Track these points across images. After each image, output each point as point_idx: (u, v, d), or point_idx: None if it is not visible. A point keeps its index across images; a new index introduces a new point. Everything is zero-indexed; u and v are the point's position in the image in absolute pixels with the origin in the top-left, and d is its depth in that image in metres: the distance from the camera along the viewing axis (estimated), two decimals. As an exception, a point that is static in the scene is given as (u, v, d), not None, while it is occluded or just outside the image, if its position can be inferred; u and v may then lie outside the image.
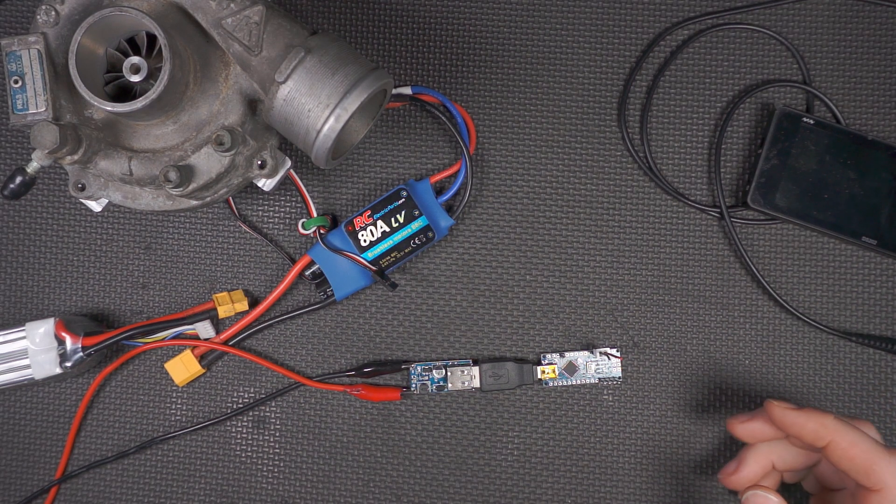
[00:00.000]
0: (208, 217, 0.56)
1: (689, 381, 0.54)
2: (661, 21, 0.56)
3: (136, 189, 0.46)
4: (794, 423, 0.44)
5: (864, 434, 0.42)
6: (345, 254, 0.52)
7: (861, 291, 0.54)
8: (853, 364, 0.54)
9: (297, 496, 0.54)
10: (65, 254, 0.56)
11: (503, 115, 0.56)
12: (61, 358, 0.51)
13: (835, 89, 0.55)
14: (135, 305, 0.56)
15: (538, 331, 0.55)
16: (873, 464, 0.41)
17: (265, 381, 0.55)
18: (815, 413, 0.43)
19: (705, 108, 0.56)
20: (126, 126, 0.45)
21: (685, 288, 0.55)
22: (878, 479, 0.41)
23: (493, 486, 0.54)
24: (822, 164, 0.53)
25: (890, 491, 0.41)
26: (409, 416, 0.54)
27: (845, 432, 0.42)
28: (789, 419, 0.44)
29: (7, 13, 0.57)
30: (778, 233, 0.55)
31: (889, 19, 0.55)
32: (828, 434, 0.42)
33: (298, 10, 0.57)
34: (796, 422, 0.43)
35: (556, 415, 0.54)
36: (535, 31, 0.56)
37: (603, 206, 0.55)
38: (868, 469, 0.41)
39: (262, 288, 0.56)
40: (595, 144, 0.56)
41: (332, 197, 0.56)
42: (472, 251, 0.55)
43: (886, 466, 0.41)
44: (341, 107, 0.42)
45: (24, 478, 0.55)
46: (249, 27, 0.43)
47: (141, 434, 0.55)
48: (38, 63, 0.42)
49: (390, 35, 0.57)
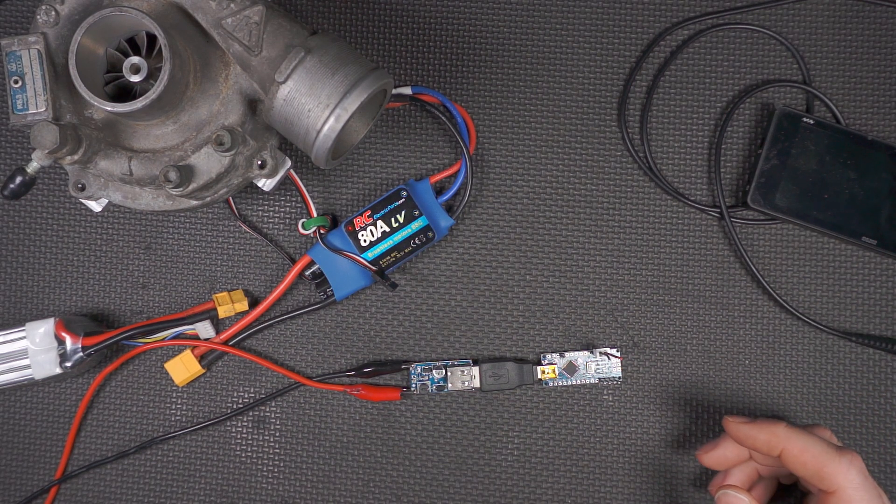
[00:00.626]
0: (208, 217, 0.56)
1: (689, 381, 0.54)
2: (661, 21, 0.56)
3: (136, 189, 0.46)
4: (747, 437, 0.44)
5: (814, 439, 0.42)
6: (345, 254, 0.52)
7: (861, 291, 0.54)
8: (853, 364, 0.54)
9: (297, 496, 0.54)
10: (65, 254, 0.56)
11: (503, 115, 0.56)
12: (61, 358, 0.51)
13: (835, 89, 0.55)
14: (135, 305, 0.56)
15: (538, 331, 0.55)
16: (823, 466, 0.41)
17: (265, 381, 0.55)
18: (767, 424, 0.44)
19: (705, 108, 0.56)
20: (126, 126, 0.45)
21: (685, 288, 0.55)
22: (831, 482, 0.41)
23: (493, 486, 0.54)
24: (822, 164, 0.53)
25: (843, 492, 0.41)
26: (409, 416, 0.54)
27: (795, 439, 0.42)
28: (742, 433, 0.45)
29: (7, 13, 0.57)
30: (778, 233, 0.55)
31: (889, 19, 0.55)
32: (779, 443, 0.43)
33: (298, 10, 0.57)
34: (749, 434, 0.44)
35: (556, 415, 0.54)
36: (535, 31, 0.56)
37: (603, 206, 0.55)
38: (819, 472, 0.41)
39: (262, 288, 0.56)
40: (595, 144, 0.56)
41: (332, 197, 0.56)
42: (472, 251, 0.55)
43: (837, 467, 0.41)
44: (341, 107, 0.42)
45: (24, 478, 0.55)
46: (249, 27, 0.43)
47: (141, 434, 0.55)
48: (38, 63, 0.42)
49: (390, 35, 0.57)
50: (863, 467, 0.41)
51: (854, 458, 0.42)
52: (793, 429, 0.43)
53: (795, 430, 0.43)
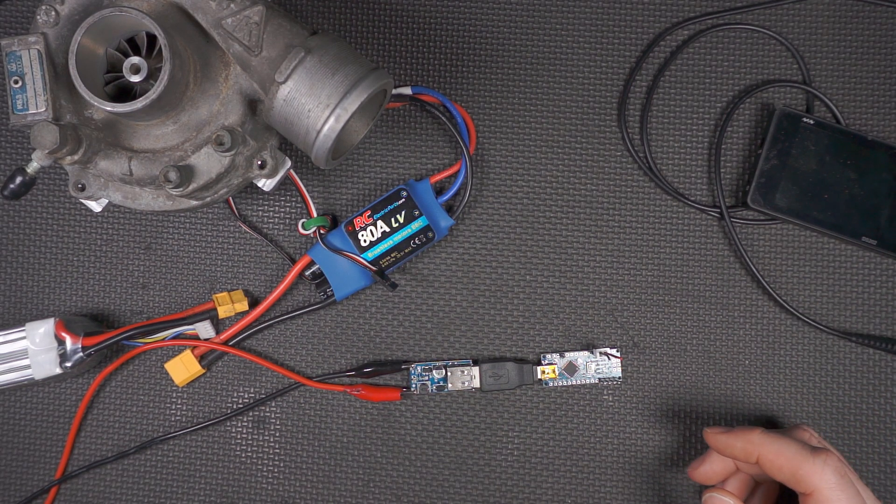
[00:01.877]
0: (208, 217, 0.56)
1: (689, 382, 0.54)
2: (661, 21, 0.56)
3: (136, 189, 0.46)
4: (725, 446, 0.44)
5: (788, 442, 0.42)
6: (345, 254, 0.52)
7: (861, 291, 0.54)
8: (853, 364, 0.54)
9: (297, 496, 0.54)
10: (65, 254, 0.56)
11: (503, 115, 0.56)
12: (61, 358, 0.51)
13: (835, 89, 0.55)
14: (135, 305, 0.56)
15: (538, 331, 0.55)
16: (797, 469, 0.41)
17: (265, 381, 0.55)
18: (743, 431, 0.44)
19: (705, 108, 0.56)
20: (126, 126, 0.45)
21: (685, 288, 0.55)
22: (807, 483, 0.41)
23: (493, 486, 0.54)
24: (822, 164, 0.53)
25: (820, 493, 0.41)
26: (409, 416, 0.54)
27: (770, 444, 0.42)
28: (721, 443, 0.44)
29: (7, 13, 0.57)
30: (778, 233, 0.55)
31: (889, 19, 0.55)
32: (755, 449, 0.43)
33: (298, 10, 0.57)
34: (727, 444, 0.44)
35: (556, 415, 0.54)
36: (535, 31, 0.56)
37: (603, 206, 0.55)
38: (794, 475, 0.41)
39: (262, 288, 0.56)
40: (595, 144, 0.56)
41: (332, 197, 0.56)
42: (472, 251, 0.55)
43: (811, 468, 0.41)
44: (341, 107, 0.42)
45: (24, 478, 0.55)
46: (249, 27, 0.43)
47: (141, 434, 0.55)
48: (38, 63, 0.42)
49: (390, 35, 0.57)
50: (838, 466, 0.41)
51: (829, 457, 0.41)
52: (767, 434, 0.43)
53: (770, 435, 0.43)
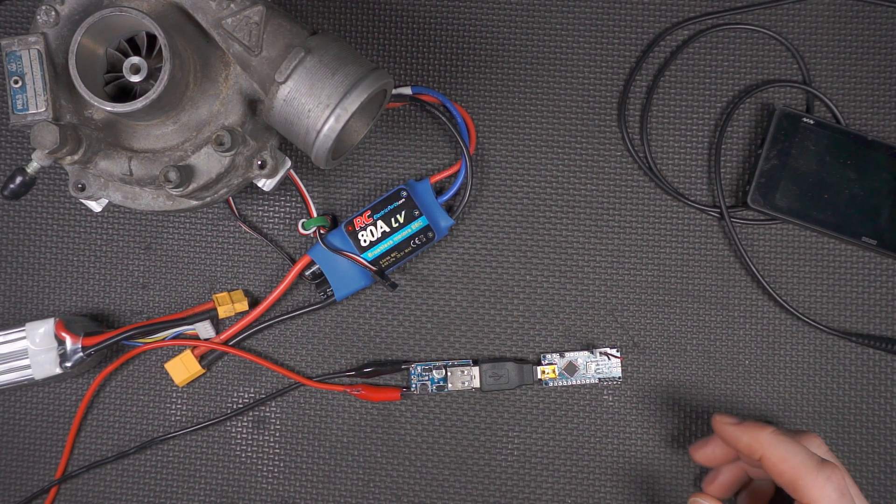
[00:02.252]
0: (208, 217, 0.56)
1: (689, 381, 0.54)
2: (661, 21, 0.56)
3: (136, 189, 0.46)
4: (731, 437, 0.44)
5: (797, 448, 0.42)
6: (345, 254, 0.52)
7: (861, 291, 0.54)
8: (853, 364, 0.54)
9: (297, 496, 0.54)
10: (65, 254, 0.56)
11: (503, 115, 0.56)
12: (61, 358, 0.51)
13: (835, 89, 0.55)
14: (135, 305, 0.56)
15: (538, 331, 0.55)
16: (799, 479, 0.41)
17: (265, 381, 0.55)
18: (752, 427, 0.43)
19: (705, 108, 0.56)
20: (126, 126, 0.45)
21: (685, 288, 0.55)
22: (806, 495, 0.41)
23: (493, 486, 0.54)
24: (822, 164, 0.53)
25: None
26: (409, 416, 0.54)
27: (776, 447, 0.42)
28: (727, 433, 0.44)
29: (7, 13, 0.57)
30: (778, 233, 0.55)
31: (889, 19, 0.55)
32: (760, 448, 0.43)
33: (298, 10, 0.57)
34: (733, 435, 0.44)
35: (556, 415, 0.54)
36: (535, 31, 0.56)
37: (603, 206, 0.55)
38: (795, 484, 0.41)
39: (262, 288, 0.56)
40: (595, 144, 0.56)
41: (332, 197, 0.56)
42: (472, 251, 0.55)
43: (813, 482, 0.40)
44: (341, 107, 0.42)
45: (24, 478, 0.55)
46: (249, 27, 0.43)
47: (141, 434, 0.55)
48: (38, 63, 0.42)
49: (390, 35, 0.57)
50: (840, 483, 0.40)
51: (833, 472, 0.40)
52: (777, 435, 0.42)
53: (779, 437, 0.42)
